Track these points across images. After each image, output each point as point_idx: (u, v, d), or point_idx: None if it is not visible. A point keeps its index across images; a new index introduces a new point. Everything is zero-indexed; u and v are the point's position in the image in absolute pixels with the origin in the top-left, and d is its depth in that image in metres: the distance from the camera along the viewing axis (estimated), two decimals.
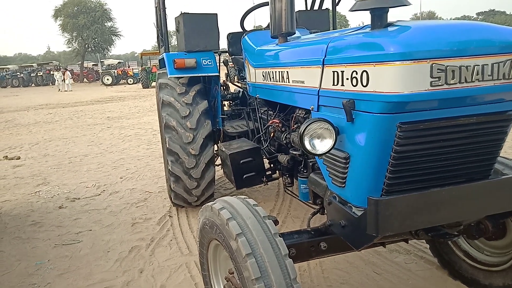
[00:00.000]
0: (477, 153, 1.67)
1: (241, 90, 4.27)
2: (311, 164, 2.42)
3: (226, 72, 4.47)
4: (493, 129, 1.63)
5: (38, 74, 41.22)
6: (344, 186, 1.81)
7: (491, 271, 2.31)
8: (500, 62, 1.47)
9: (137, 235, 3.66)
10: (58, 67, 38.73)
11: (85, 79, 42.47)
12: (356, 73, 1.58)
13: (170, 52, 3.88)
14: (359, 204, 1.73)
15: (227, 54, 4.39)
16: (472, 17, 73.25)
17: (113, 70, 36.27)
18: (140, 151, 7.28)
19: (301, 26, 3.66)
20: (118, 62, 42.79)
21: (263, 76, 2.81)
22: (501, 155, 1.84)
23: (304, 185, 2.44)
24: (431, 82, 1.41)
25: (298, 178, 2.55)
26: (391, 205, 1.57)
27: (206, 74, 3.77)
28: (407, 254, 2.98)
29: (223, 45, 4.46)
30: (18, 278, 3.04)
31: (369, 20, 1.64)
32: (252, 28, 3.93)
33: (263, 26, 4.66)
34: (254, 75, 3.05)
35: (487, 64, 1.46)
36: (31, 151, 7.95)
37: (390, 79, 1.43)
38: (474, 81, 1.46)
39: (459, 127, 1.57)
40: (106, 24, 43.04)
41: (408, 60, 1.38)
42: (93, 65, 47.07)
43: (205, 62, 3.73)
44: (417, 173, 1.63)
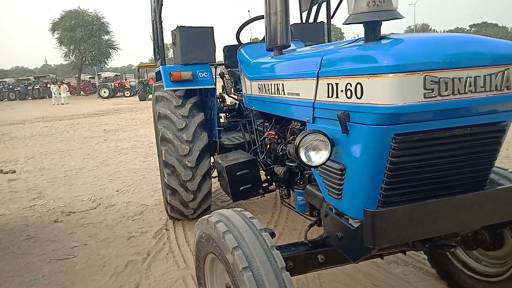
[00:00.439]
0: (472, 164, 1.68)
1: (237, 102, 4.29)
2: (308, 176, 2.42)
3: (222, 85, 4.48)
4: (487, 140, 1.64)
5: (35, 87, 41.20)
6: (340, 198, 1.81)
7: (490, 282, 2.29)
8: (492, 74, 1.49)
9: (133, 249, 3.62)
10: (55, 80, 38.77)
11: (82, 92, 42.51)
12: (351, 85, 1.59)
13: (167, 65, 3.90)
14: (356, 216, 1.73)
15: (223, 67, 4.42)
16: (465, 29, 74.41)
17: (110, 83, 36.32)
18: (137, 164, 7.25)
19: (296, 39, 3.70)
20: (115, 75, 42.90)
21: (259, 89, 2.83)
22: (496, 165, 1.85)
23: (301, 197, 2.43)
24: (425, 94, 1.42)
25: (295, 190, 2.55)
26: (387, 217, 1.57)
27: (202, 87, 3.79)
28: (406, 265, 2.96)
29: (219, 58, 4.50)
30: None
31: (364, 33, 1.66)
32: (249, 41, 3.97)
33: (260, 39, 4.70)
34: (250, 88, 3.07)
35: (480, 76, 1.47)
36: (27, 165, 7.91)
37: (384, 91, 1.44)
38: (467, 93, 1.47)
39: (454, 138, 1.58)
40: (104, 37, 43.29)
41: (402, 72, 1.40)
42: (90, 78, 47.21)
43: (201, 75, 3.75)
44: (413, 184, 1.64)
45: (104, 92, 34.31)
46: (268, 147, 2.94)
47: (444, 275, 2.59)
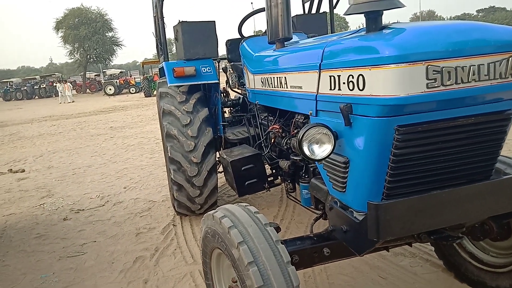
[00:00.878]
0: (477, 154, 1.65)
1: (241, 97, 4.27)
2: (312, 169, 2.42)
3: (226, 79, 4.47)
4: (493, 129, 1.62)
5: (41, 87, 41.55)
6: (345, 191, 1.80)
7: (498, 273, 2.27)
8: (496, 62, 1.47)
9: (142, 245, 3.66)
10: (61, 79, 39.02)
11: (88, 90, 42.74)
12: (352, 77, 1.58)
13: (170, 61, 3.90)
14: (360, 209, 1.72)
15: (227, 61, 4.41)
16: (473, 15, 73.20)
17: (115, 80, 36.43)
18: (143, 160, 7.30)
19: (299, 31, 3.66)
20: (120, 72, 42.94)
21: (262, 82, 2.82)
22: (503, 154, 1.82)
23: (306, 191, 2.43)
24: (427, 84, 1.40)
25: (300, 184, 2.54)
26: (392, 209, 1.56)
27: (206, 82, 3.78)
28: (412, 257, 2.95)
29: (222, 52, 4.48)
30: None
31: None
32: (252, 34, 3.94)
33: (263, 31, 4.68)
34: (253, 81, 3.06)
35: (483, 64, 1.45)
36: (35, 164, 8.00)
37: (386, 82, 1.42)
38: (471, 82, 1.45)
39: (458, 128, 1.56)
40: (107, 35, 43.38)
41: (403, 63, 1.38)
42: (96, 76, 47.37)
43: (205, 70, 3.74)
44: (417, 176, 1.62)
45: (110, 90, 34.45)
46: (273, 141, 2.93)
47: (451, 266, 2.57)
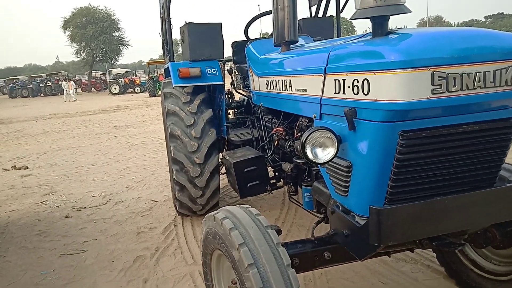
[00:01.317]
0: (481, 161, 1.65)
1: (246, 98, 4.28)
2: (315, 173, 2.41)
3: (231, 81, 4.48)
4: (497, 136, 1.61)
5: (47, 84, 41.77)
6: (347, 195, 1.80)
7: (500, 281, 2.26)
8: (503, 69, 1.46)
9: (142, 245, 3.66)
10: (66, 77, 39.26)
11: (93, 89, 42.94)
12: (357, 82, 1.58)
13: (175, 62, 3.91)
14: (362, 213, 1.71)
15: (232, 63, 4.42)
16: (480, 21, 72.90)
17: (121, 79, 36.62)
18: (146, 160, 7.31)
19: (305, 34, 3.67)
20: (126, 71, 43.16)
21: (267, 85, 2.82)
22: (507, 162, 1.81)
23: (308, 194, 2.42)
24: (432, 90, 1.40)
25: (302, 187, 2.54)
26: (394, 215, 1.56)
27: (211, 83, 3.79)
28: (414, 263, 2.94)
29: (228, 54, 4.49)
30: None
31: None
32: (259, 36, 3.95)
33: (269, 33, 4.68)
34: (258, 84, 3.06)
35: (489, 71, 1.44)
36: (39, 161, 8.03)
37: (391, 87, 1.42)
38: (476, 88, 1.44)
39: (462, 135, 1.55)
40: (114, 34, 43.53)
41: (409, 68, 1.38)
42: (101, 75, 47.61)
43: (210, 71, 3.75)
44: (420, 182, 1.61)
45: (115, 89, 34.59)
46: (276, 144, 2.93)
47: (453, 274, 2.56)
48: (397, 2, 1.50)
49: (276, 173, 3.17)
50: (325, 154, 1.73)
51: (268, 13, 3.64)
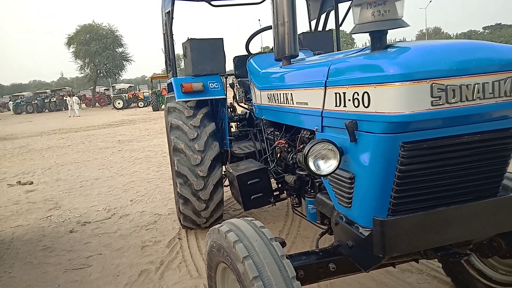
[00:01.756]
0: (483, 171, 1.66)
1: (248, 112, 4.32)
2: (318, 184, 2.42)
3: (233, 94, 4.53)
4: (498, 146, 1.63)
5: (52, 100, 42.23)
6: (350, 206, 1.81)
7: None
8: (501, 80, 1.49)
9: (147, 258, 3.66)
10: (70, 93, 39.63)
11: (97, 104, 43.30)
12: (358, 94, 1.60)
13: (178, 77, 3.97)
14: (366, 225, 1.72)
15: (234, 77, 4.47)
16: (479, 32, 73.29)
17: (124, 94, 36.91)
18: (150, 174, 7.34)
19: (305, 48, 3.72)
20: (129, 86, 43.49)
21: (268, 98, 2.86)
22: (510, 171, 1.82)
23: (312, 206, 2.43)
24: (432, 102, 1.42)
25: (306, 199, 2.55)
26: (397, 226, 1.56)
27: (213, 97, 3.84)
28: (420, 274, 2.92)
29: (230, 68, 4.55)
30: None
31: None
32: (260, 50, 4.00)
33: (270, 48, 4.75)
34: (260, 97, 3.10)
35: (488, 82, 1.47)
36: (44, 176, 8.08)
37: (391, 100, 1.45)
38: (475, 99, 1.46)
39: (463, 145, 1.57)
40: (117, 50, 44.12)
41: (408, 81, 1.40)
42: (105, 90, 48.02)
43: (212, 86, 3.80)
44: (423, 192, 1.62)
45: (119, 103, 34.87)
46: (279, 156, 2.95)
47: (459, 284, 2.54)
48: (395, 17, 1.54)
49: (279, 185, 3.18)
50: (328, 166, 1.75)
51: (269, 28, 3.69)
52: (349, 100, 1.67)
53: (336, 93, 1.77)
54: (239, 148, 3.90)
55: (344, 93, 1.70)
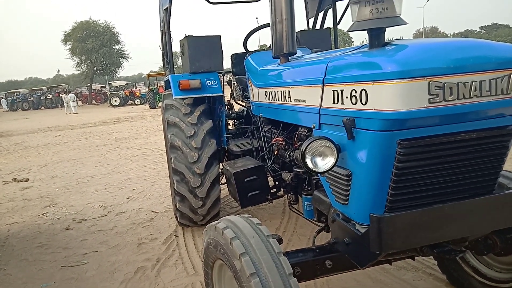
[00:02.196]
0: (480, 168, 1.67)
1: (245, 109, 4.32)
2: (315, 182, 2.42)
3: (231, 92, 4.53)
4: (495, 144, 1.63)
5: (48, 97, 42.01)
6: (347, 204, 1.81)
7: None
8: (498, 78, 1.49)
9: (143, 256, 3.65)
10: (67, 90, 39.46)
11: (94, 101, 43.12)
12: (355, 92, 1.61)
13: (175, 74, 3.96)
14: (363, 221, 1.73)
15: (231, 74, 4.47)
16: (476, 31, 73.55)
17: (121, 92, 36.81)
18: (147, 171, 7.32)
19: (303, 46, 3.72)
20: (126, 84, 43.38)
21: (266, 96, 2.86)
22: (506, 169, 1.83)
23: (309, 203, 2.44)
24: (429, 99, 1.43)
25: (302, 196, 2.55)
26: (394, 222, 1.57)
27: (211, 95, 3.83)
28: (415, 271, 2.93)
29: (227, 66, 4.55)
30: None
31: None
32: (257, 48, 4.00)
33: (268, 45, 4.74)
34: (257, 95, 3.10)
35: (485, 80, 1.47)
36: (40, 173, 8.04)
37: (389, 97, 1.45)
38: (472, 97, 1.47)
39: (460, 143, 1.57)
40: (114, 47, 43.92)
41: (406, 78, 1.41)
42: (102, 87, 47.86)
43: (210, 83, 3.80)
44: (420, 190, 1.63)
45: (115, 101, 34.75)
46: (276, 153, 2.96)
47: (455, 281, 2.56)
48: (393, 15, 1.54)
49: (276, 183, 3.19)
50: (325, 163, 1.75)
51: (267, 26, 3.69)
52: (347, 98, 1.67)
53: (334, 91, 1.77)
54: (236, 146, 3.90)
55: (342, 91, 1.70)
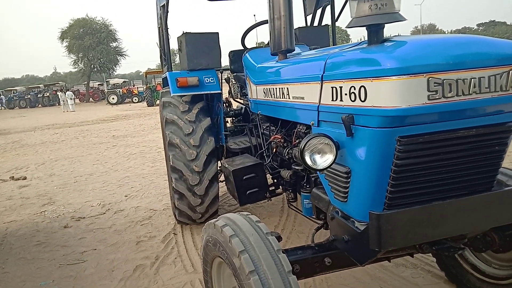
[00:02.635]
0: (479, 165, 1.66)
1: (244, 107, 4.31)
2: (314, 179, 2.42)
3: (229, 89, 4.52)
4: (494, 141, 1.63)
5: (45, 95, 41.86)
6: (346, 201, 1.81)
7: (500, 285, 2.27)
8: (497, 74, 1.49)
9: (142, 254, 3.65)
10: (64, 88, 39.31)
11: (91, 99, 42.99)
12: (354, 89, 1.60)
13: (173, 71, 3.94)
14: (362, 219, 1.72)
15: (229, 72, 4.45)
16: (473, 29, 73.62)
17: (119, 89, 36.69)
18: (145, 169, 7.31)
19: (301, 43, 3.71)
20: (123, 81, 43.26)
21: (264, 93, 2.85)
22: (505, 166, 1.83)
23: (307, 200, 2.43)
24: (428, 96, 1.42)
25: (301, 193, 2.55)
26: (393, 219, 1.57)
27: (209, 92, 3.82)
28: (414, 268, 2.94)
29: (225, 63, 4.53)
30: None
31: None
32: (255, 45, 3.99)
33: (265, 43, 4.73)
34: (256, 92, 3.09)
35: (484, 77, 1.47)
36: (37, 171, 8.01)
37: (388, 94, 1.44)
38: (472, 94, 1.47)
39: (459, 140, 1.57)
40: (111, 45, 43.79)
41: (405, 75, 1.40)
42: (99, 85, 47.71)
43: (208, 80, 3.78)
44: (419, 187, 1.63)
45: (113, 99, 34.65)
46: (274, 151, 2.95)
47: (453, 278, 2.56)
48: (392, 11, 1.53)
49: (275, 180, 3.18)
50: (324, 161, 1.74)
51: (265, 23, 3.68)
52: (346, 94, 1.66)
53: (333, 87, 1.76)
54: (235, 143, 3.89)
55: (341, 87, 1.69)
